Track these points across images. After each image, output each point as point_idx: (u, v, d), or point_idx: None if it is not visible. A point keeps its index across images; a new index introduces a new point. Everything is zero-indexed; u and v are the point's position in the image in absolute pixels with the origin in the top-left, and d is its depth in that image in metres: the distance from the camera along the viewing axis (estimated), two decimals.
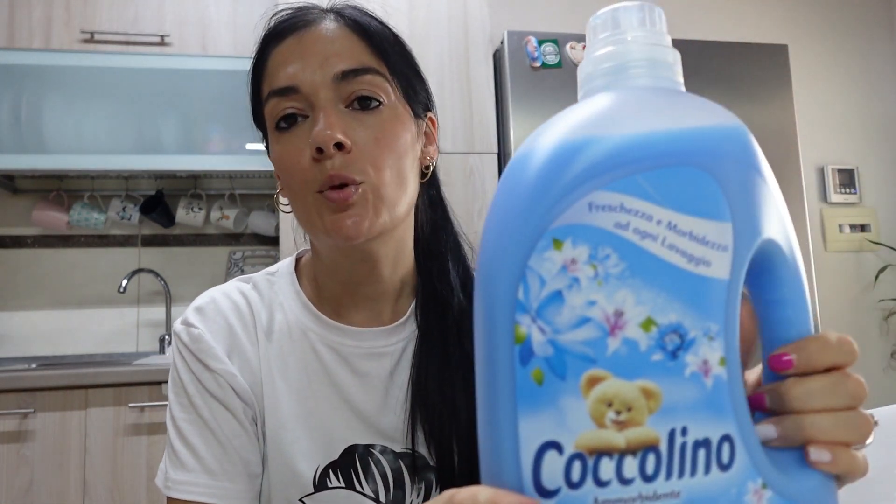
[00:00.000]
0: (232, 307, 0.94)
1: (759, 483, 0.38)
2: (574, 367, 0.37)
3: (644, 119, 0.39)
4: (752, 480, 0.37)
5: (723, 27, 3.94)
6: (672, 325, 0.37)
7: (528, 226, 0.38)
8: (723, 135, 0.39)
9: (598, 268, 0.37)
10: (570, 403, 0.37)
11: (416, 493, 0.91)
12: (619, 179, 0.37)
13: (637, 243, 0.37)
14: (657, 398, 0.37)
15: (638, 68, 0.42)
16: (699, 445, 0.37)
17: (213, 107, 3.03)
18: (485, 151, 2.94)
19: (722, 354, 0.37)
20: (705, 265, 0.37)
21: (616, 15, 0.44)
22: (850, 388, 0.41)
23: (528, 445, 0.37)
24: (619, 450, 0.37)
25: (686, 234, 0.37)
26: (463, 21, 3.02)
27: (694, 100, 0.42)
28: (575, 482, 0.37)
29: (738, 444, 0.37)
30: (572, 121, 0.40)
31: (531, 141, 0.41)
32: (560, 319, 0.37)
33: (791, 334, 0.42)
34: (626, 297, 0.37)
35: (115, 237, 3.31)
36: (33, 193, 3.22)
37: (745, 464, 0.37)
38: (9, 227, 3.21)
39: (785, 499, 0.38)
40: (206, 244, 3.38)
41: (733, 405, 0.38)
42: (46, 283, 3.22)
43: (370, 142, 0.83)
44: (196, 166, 3.00)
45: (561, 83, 2.91)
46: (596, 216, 0.37)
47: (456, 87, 2.97)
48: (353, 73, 0.84)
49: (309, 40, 0.85)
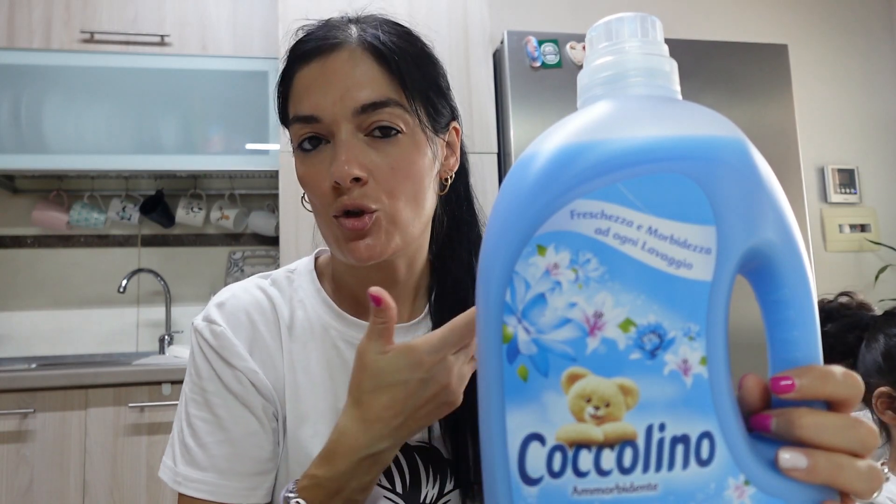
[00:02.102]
0: (254, 303, 0.96)
1: (740, 479, 0.38)
2: (556, 365, 0.39)
3: (631, 128, 0.41)
4: (733, 476, 0.38)
5: (723, 27, 3.95)
6: (651, 326, 0.38)
7: (515, 233, 0.41)
8: (710, 142, 0.40)
9: (579, 272, 0.39)
10: (552, 399, 0.39)
11: (432, 485, 0.93)
12: (600, 188, 0.39)
13: (617, 248, 0.39)
14: (635, 395, 0.38)
15: (635, 77, 0.44)
16: (677, 441, 0.38)
17: (213, 107, 3.04)
18: (485, 151, 2.94)
19: (703, 354, 0.38)
20: (686, 268, 0.38)
21: (613, 25, 0.45)
22: (862, 434, 0.41)
23: (515, 437, 0.40)
24: (598, 443, 0.38)
25: (666, 238, 0.38)
26: (463, 21, 3.03)
27: (690, 108, 0.43)
28: (556, 472, 0.39)
29: (718, 441, 0.38)
30: (567, 129, 0.42)
31: (529, 149, 0.43)
32: (543, 320, 0.39)
33: (794, 335, 0.42)
34: (606, 299, 0.38)
35: (115, 237, 3.33)
36: (33, 193, 3.24)
37: (727, 460, 0.38)
38: (9, 227, 3.22)
39: (769, 495, 0.39)
40: (206, 244, 3.39)
41: (715, 403, 0.39)
42: (46, 283, 3.23)
43: (386, 171, 0.86)
44: (196, 166, 3.01)
45: (561, 83, 2.92)
46: (577, 223, 0.39)
47: (456, 87, 2.92)
48: (372, 106, 0.86)
49: (331, 69, 0.87)
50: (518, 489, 0.40)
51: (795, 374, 0.41)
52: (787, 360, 0.42)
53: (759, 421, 0.42)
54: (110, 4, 3.04)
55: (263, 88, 3.05)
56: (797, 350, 0.42)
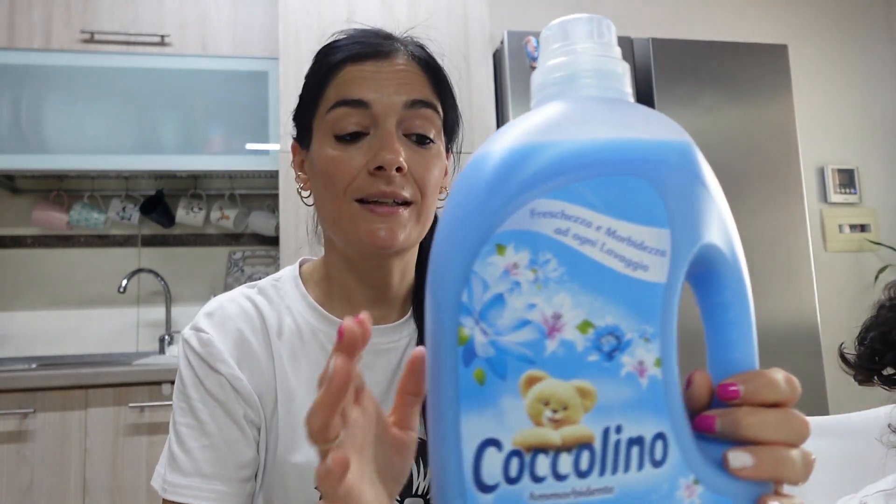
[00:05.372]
0: (241, 313, 0.98)
1: (690, 479, 0.39)
2: (513, 368, 0.38)
3: (587, 129, 0.41)
4: (683, 476, 0.39)
5: (723, 27, 3.95)
6: (608, 328, 0.38)
7: (473, 231, 0.40)
8: (663, 146, 0.41)
9: (539, 272, 0.38)
10: (510, 402, 0.38)
11: (423, 477, 0.95)
12: (560, 187, 0.39)
13: (576, 248, 0.38)
14: (592, 397, 0.38)
15: (587, 78, 0.44)
16: (633, 443, 0.38)
17: (213, 107, 3.05)
18: None
19: (657, 355, 0.39)
20: (643, 269, 0.39)
21: (567, 26, 0.45)
22: (797, 426, 0.42)
23: (470, 443, 0.39)
24: (555, 447, 0.38)
25: (624, 240, 0.38)
26: (463, 21, 3.02)
27: (642, 111, 0.43)
28: (512, 478, 0.38)
29: (671, 442, 0.39)
30: (520, 129, 0.42)
31: (482, 149, 0.42)
32: (501, 322, 0.39)
33: (733, 336, 0.43)
34: (565, 300, 0.38)
35: (115, 237, 3.33)
36: (33, 193, 3.24)
37: (678, 460, 0.39)
38: (9, 227, 3.23)
39: (716, 493, 0.39)
40: (206, 244, 3.40)
41: (668, 404, 0.39)
42: (46, 283, 3.24)
43: (421, 171, 0.94)
44: (196, 166, 3.02)
45: None
46: (537, 222, 0.39)
47: (456, 87, 2.94)
48: (420, 103, 0.94)
49: (387, 68, 0.95)
50: (473, 498, 0.39)
51: (741, 380, 0.42)
52: (725, 360, 0.43)
53: (702, 422, 0.42)
54: (110, 4, 3.04)
55: (263, 88, 3.05)
56: (735, 351, 0.43)
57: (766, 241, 3.02)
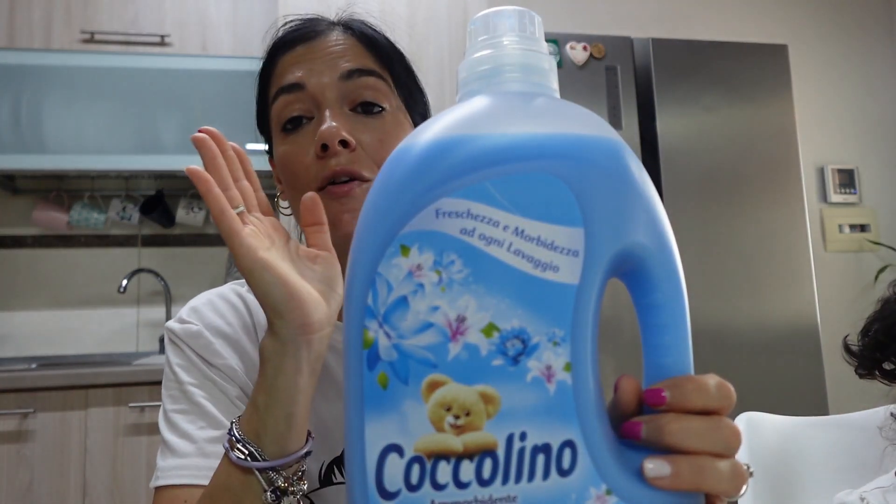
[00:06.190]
0: (229, 307, 0.96)
1: (602, 489, 0.37)
2: (416, 372, 0.37)
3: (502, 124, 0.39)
4: (594, 486, 0.37)
5: (723, 27, 3.93)
6: (514, 331, 0.37)
7: (379, 232, 0.39)
8: (581, 142, 0.39)
9: (443, 273, 0.37)
10: (412, 408, 0.37)
11: None
12: (467, 186, 0.38)
13: (482, 249, 0.37)
14: (496, 403, 0.37)
15: (512, 73, 0.42)
16: (538, 451, 0.37)
17: (213, 107, 3.04)
18: None
19: (567, 360, 0.37)
20: (553, 270, 0.37)
21: (491, 19, 0.44)
22: (725, 435, 0.40)
23: (373, 448, 0.38)
24: (457, 454, 0.37)
25: (533, 240, 0.37)
26: (463, 21, 3.01)
27: (566, 106, 0.42)
28: (414, 485, 0.37)
29: (581, 450, 0.37)
30: (438, 125, 0.41)
31: (402, 143, 0.42)
32: (405, 325, 0.38)
33: (665, 339, 0.41)
34: (469, 302, 0.37)
35: (115, 237, 3.33)
36: (33, 193, 3.25)
37: (588, 470, 0.37)
38: (9, 227, 3.23)
39: None
40: (206, 244, 3.40)
41: (578, 411, 0.37)
42: (46, 283, 3.24)
43: (375, 143, 0.87)
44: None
45: (561, 83, 2.89)
46: (442, 222, 0.38)
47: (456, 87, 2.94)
48: (358, 72, 0.88)
49: (318, 47, 0.90)
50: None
51: (668, 385, 0.40)
52: (658, 365, 0.41)
53: (629, 428, 0.41)
54: (110, 4, 3.04)
55: None
56: (668, 355, 0.41)
57: (765, 241, 2.99)
